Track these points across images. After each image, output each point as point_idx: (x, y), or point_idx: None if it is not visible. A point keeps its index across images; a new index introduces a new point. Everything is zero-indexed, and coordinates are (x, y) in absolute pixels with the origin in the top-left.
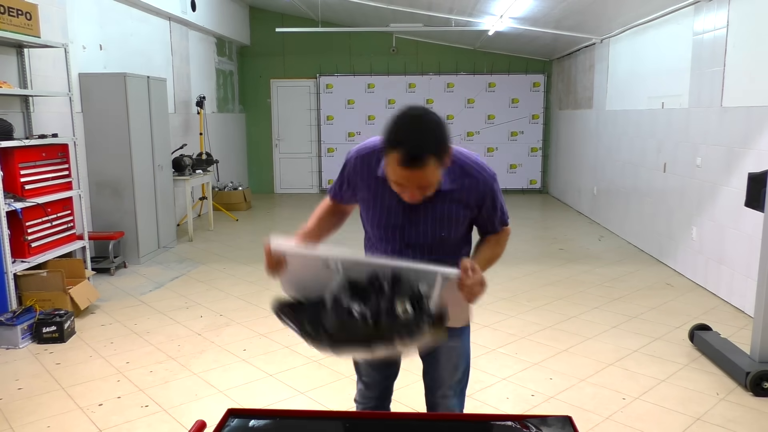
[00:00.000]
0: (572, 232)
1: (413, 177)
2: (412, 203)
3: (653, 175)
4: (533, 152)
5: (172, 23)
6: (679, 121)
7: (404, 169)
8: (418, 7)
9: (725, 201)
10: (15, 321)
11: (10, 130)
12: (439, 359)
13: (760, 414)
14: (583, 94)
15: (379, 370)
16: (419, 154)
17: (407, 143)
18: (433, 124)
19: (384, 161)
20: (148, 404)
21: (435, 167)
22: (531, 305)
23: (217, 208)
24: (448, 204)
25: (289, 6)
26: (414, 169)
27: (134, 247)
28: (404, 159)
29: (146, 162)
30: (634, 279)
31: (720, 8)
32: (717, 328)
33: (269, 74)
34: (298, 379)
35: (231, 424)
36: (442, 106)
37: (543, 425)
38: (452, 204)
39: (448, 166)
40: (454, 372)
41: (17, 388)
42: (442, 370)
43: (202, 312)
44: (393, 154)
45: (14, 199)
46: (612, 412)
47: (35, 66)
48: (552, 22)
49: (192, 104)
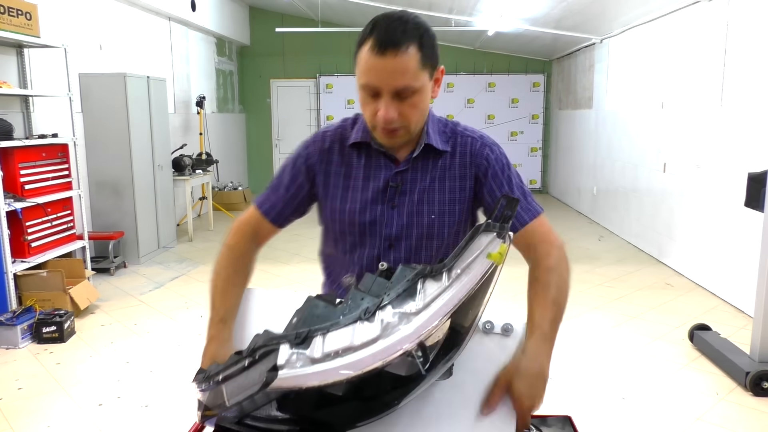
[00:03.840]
0: (572, 232)
1: (388, 68)
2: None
3: (653, 175)
4: (533, 152)
5: (172, 23)
6: (679, 121)
7: (378, 57)
8: (418, 7)
9: (725, 201)
10: (15, 321)
11: (10, 130)
12: None
13: (760, 414)
14: (583, 94)
15: None
16: (397, 36)
17: (383, 25)
18: (417, 18)
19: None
20: (148, 404)
21: (417, 60)
22: None
23: (217, 208)
24: (440, 172)
25: (289, 6)
26: (388, 53)
27: (134, 247)
28: (377, 42)
29: (146, 162)
30: (634, 279)
31: (720, 8)
32: (717, 328)
33: (269, 74)
34: None
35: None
36: (442, 106)
37: (543, 425)
38: (446, 172)
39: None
40: None
41: (17, 388)
42: None
43: (202, 312)
44: (365, 45)
45: (14, 199)
46: (612, 412)
47: (35, 66)
48: (552, 22)
49: (192, 104)
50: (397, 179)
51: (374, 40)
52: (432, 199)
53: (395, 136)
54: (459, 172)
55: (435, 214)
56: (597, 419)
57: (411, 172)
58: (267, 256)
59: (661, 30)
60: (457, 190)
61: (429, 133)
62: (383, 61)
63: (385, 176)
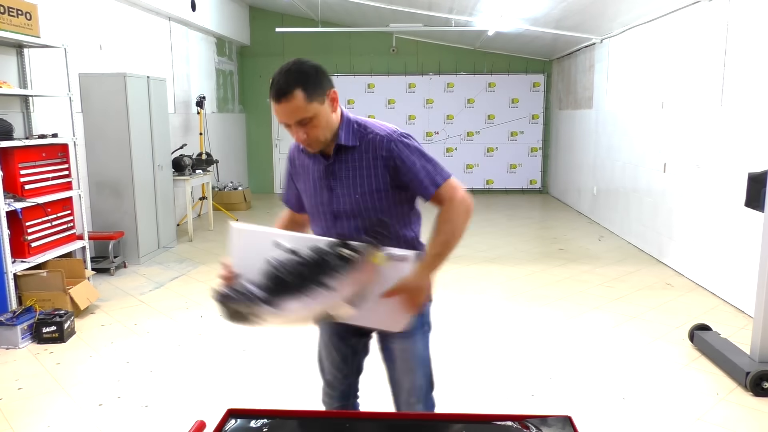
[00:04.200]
0: (572, 232)
1: (285, 110)
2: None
3: (653, 175)
4: (533, 152)
5: (172, 23)
6: (679, 121)
7: (276, 104)
8: (418, 7)
9: (725, 201)
10: (15, 321)
11: (10, 130)
12: (395, 362)
13: (760, 414)
14: (583, 94)
15: (339, 367)
16: (284, 86)
17: (276, 80)
18: (300, 64)
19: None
20: (148, 404)
21: (304, 99)
22: (531, 305)
23: (217, 208)
24: (358, 162)
25: (289, 6)
26: (281, 101)
27: (134, 247)
28: (273, 94)
29: (146, 162)
30: (634, 279)
31: (720, 8)
32: (717, 328)
33: (269, 74)
34: (298, 379)
35: (231, 424)
36: (442, 106)
37: (543, 425)
38: (362, 162)
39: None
40: (410, 375)
41: (17, 388)
42: (399, 373)
43: (202, 312)
44: (270, 94)
45: (14, 199)
46: (612, 412)
47: (35, 66)
48: (552, 22)
49: (192, 104)
50: (327, 169)
51: (272, 92)
52: (355, 183)
53: (312, 147)
54: (371, 162)
55: (359, 194)
56: (597, 419)
57: (336, 164)
58: None
59: (661, 30)
60: (372, 176)
61: (340, 135)
62: (280, 106)
63: (321, 167)
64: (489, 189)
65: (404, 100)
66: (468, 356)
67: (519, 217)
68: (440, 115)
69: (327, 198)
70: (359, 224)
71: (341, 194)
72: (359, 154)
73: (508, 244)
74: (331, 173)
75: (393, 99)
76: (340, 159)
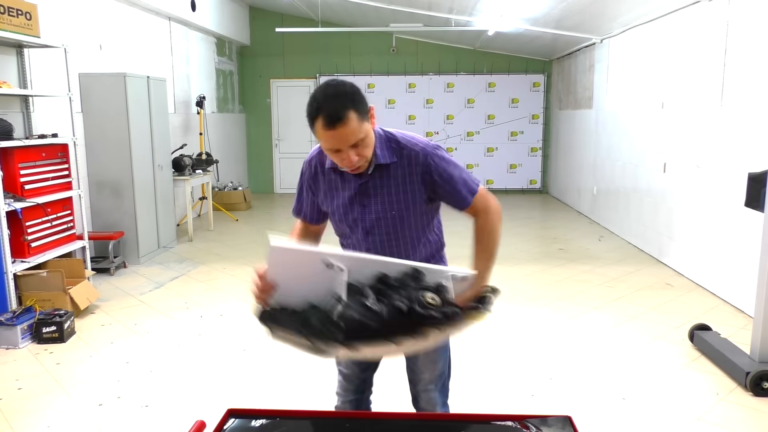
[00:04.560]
0: (572, 232)
1: (340, 136)
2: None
3: (653, 175)
4: (533, 152)
5: (172, 23)
6: (679, 121)
7: (330, 131)
8: (418, 7)
9: (725, 201)
10: (15, 321)
11: (10, 130)
12: (417, 355)
13: (760, 414)
14: (583, 94)
15: (358, 362)
16: (338, 111)
17: (324, 106)
18: (343, 86)
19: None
20: (148, 404)
21: (357, 120)
22: (531, 305)
23: (217, 208)
24: (393, 180)
25: (289, 6)
26: (337, 126)
27: (134, 247)
28: (326, 121)
29: (146, 162)
30: (634, 279)
31: (720, 8)
32: (717, 328)
33: (269, 74)
34: (298, 379)
35: (231, 424)
36: (442, 106)
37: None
38: (398, 179)
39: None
40: (432, 367)
41: (17, 388)
42: (421, 365)
43: (202, 312)
44: (317, 122)
45: (14, 199)
46: (612, 412)
47: (35, 66)
48: (552, 22)
49: (192, 104)
50: (362, 187)
51: (323, 118)
52: (390, 201)
53: (360, 169)
54: (409, 179)
55: (395, 210)
56: (597, 419)
57: (371, 180)
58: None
59: (661, 30)
60: (409, 192)
61: (377, 154)
62: (335, 132)
63: (355, 185)
64: (489, 189)
65: (404, 100)
66: (468, 356)
67: (519, 217)
68: (440, 115)
69: (360, 215)
70: (391, 238)
71: (375, 210)
72: (395, 170)
73: (508, 244)
74: (365, 190)
75: (393, 99)
76: (375, 176)
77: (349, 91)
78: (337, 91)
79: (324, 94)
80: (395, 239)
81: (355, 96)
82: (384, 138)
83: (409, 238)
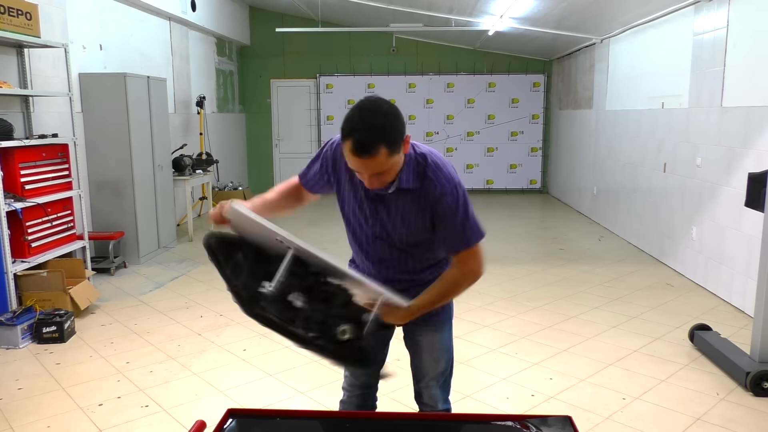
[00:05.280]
0: (572, 232)
1: (366, 165)
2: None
3: (653, 175)
4: (533, 152)
5: (172, 23)
6: (679, 121)
7: (356, 158)
8: (418, 7)
9: (725, 201)
10: (15, 321)
11: (10, 130)
12: (421, 351)
13: (760, 414)
14: (583, 94)
15: None
16: (369, 143)
17: (357, 132)
18: (384, 113)
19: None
20: (148, 404)
21: (387, 155)
22: (531, 305)
23: None
24: (410, 205)
25: (289, 6)
26: (365, 157)
27: (134, 247)
28: (355, 148)
29: (146, 162)
30: (634, 279)
31: (720, 8)
32: (717, 328)
33: (269, 74)
34: (298, 379)
35: (231, 424)
36: (442, 106)
37: (543, 425)
38: (411, 204)
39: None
40: (435, 364)
41: (17, 388)
42: (425, 362)
43: (202, 312)
44: (347, 143)
45: (14, 199)
46: (612, 412)
47: (35, 66)
48: (552, 22)
49: (192, 104)
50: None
51: (352, 143)
52: (403, 221)
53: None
54: (423, 207)
55: (405, 230)
56: (597, 419)
57: (388, 197)
58: None
59: (661, 30)
60: (420, 218)
61: (402, 179)
62: (362, 160)
63: (369, 195)
64: (489, 189)
65: (404, 100)
66: (468, 356)
67: (519, 217)
68: (440, 115)
69: (371, 221)
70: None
71: (386, 224)
72: (413, 196)
73: (508, 244)
74: (381, 202)
75: (393, 99)
76: (394, 196)
77: (388, 121)
78: (374, 120)
79: (361, 117)
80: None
81: (393, 128)
82: (413, 161)
83: (418, 257)
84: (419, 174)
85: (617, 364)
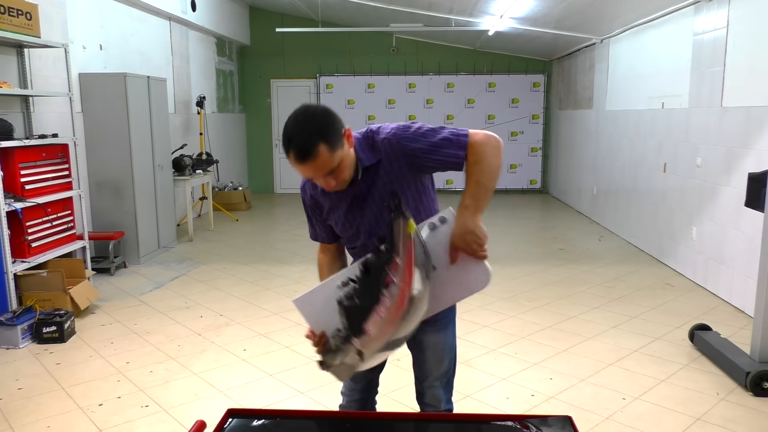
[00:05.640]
0: (572, 232)
1: (314, 168)
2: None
3: (653, 175)
4: (533, 152)
5: (172, 23)
6: (679, 121)
7: (302, 165)
8: (418, 7)
9: (725, 201)
10: (15, 321)
11: (10, 130)
12: (425, 352)
13: (760, 414)
14: (583, 94)
15: None
16: (307, 147)
17: (294, 141)
18: (312, 114)
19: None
20: (148, 404)
21: (328, 152)
22: (531, 305)
23: (217, 208)
24: (383, 176)
25: (289, 6)
26: (309, 161)
27: (134, 247)
28: (297, 155)
29: (146, 162)
30: (634, 279)
31: (720, 8)
32: (717, 328)
33: (269, 74)
34: (298, 379)
35: (231, 424)
36: (442, 106)
37: (543, 425)
38: (387, 173)
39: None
40: (438, 364)
41: (17, 388)
42: (428, 362)
43: (202, 312)
44: (290, 155)
45: (14, 199)
46: (612, 412)
47: (35, 66)
48: (552, 22)
49: (192, 104)
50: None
51: (293, 153)
52: (386, 195)
53: (340, 188)
54: (394, 166)
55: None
56: (597, 419)
57: (360, 184)
58: (267, 256)
59: (661, 30)
60: (400, 178)
61: (361, 158)
62: (307, 165)
63: (350, 194)
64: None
65: (404, 100)
66: (468, 356)
67: (519, 217)
68: (440, 115)
69: (360, 220)
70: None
71: (375, 208)
72: (381, 166)
73: (508, 244)
74: (360, 196)
75: (393, 99)
76: (366, 179)
77: (319, 122)
78: (306, 124)
79: (294, 126)
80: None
81: (326, 126)
82: (363, 141)
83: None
84: (371, 145)
85: (617, 364)
